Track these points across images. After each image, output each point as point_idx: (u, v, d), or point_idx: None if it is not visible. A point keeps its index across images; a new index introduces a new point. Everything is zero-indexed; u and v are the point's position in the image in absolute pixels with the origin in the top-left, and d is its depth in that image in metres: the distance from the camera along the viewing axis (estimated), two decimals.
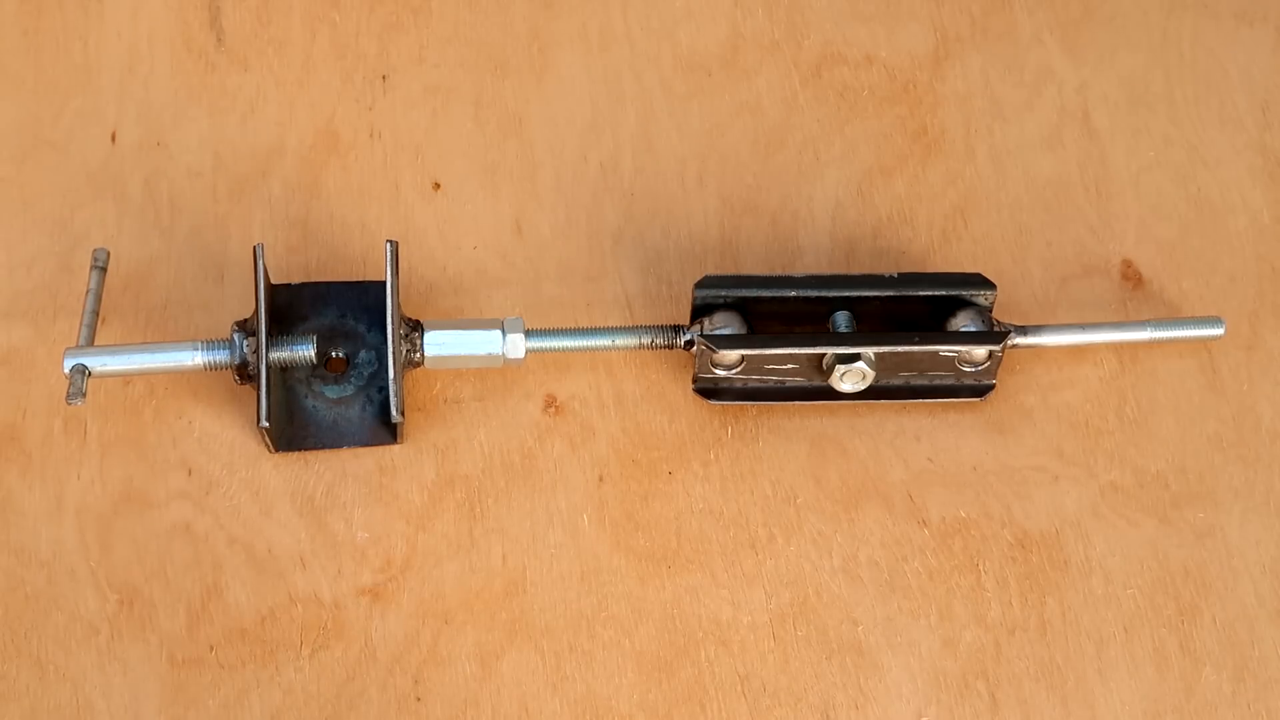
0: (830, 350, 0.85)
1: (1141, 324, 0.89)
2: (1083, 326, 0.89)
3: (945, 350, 0.86)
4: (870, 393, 0.87)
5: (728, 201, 0.94)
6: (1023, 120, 0.96)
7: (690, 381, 0.88)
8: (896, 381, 0.88)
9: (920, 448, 0.88)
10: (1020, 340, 0.87)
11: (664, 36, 0.98)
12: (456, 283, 0.91)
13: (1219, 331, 0.90)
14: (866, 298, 0.86)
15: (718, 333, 0.85)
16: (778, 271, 0.91)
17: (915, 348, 0.85)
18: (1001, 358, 0.87)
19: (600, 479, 0.87)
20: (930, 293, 0.86)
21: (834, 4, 0.99)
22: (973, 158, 0.95)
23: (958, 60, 0.98)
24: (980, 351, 0.86)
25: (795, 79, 0.97)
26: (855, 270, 0.91)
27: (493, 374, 0.89)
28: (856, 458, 0.88)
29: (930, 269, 0.92)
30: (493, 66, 0.96)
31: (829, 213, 0.93)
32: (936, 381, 0.88)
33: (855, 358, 0.85)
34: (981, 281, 0.87)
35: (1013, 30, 0.98)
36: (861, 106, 0.96)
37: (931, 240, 0.93)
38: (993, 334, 0.86)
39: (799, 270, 0.91)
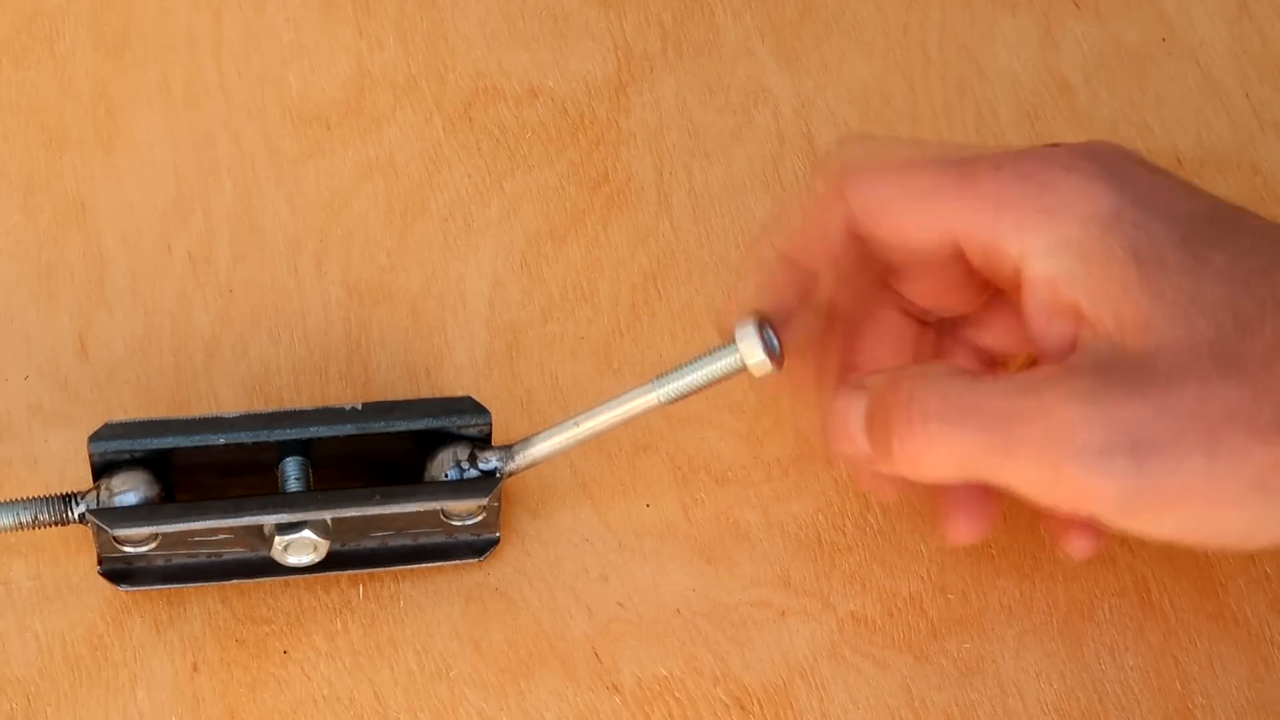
0: (260, 519, 0.70)
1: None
2: (592, 411, 0.71)
3: (420, 507, 0.72)
4: (335, 562, 0.72)
5: (354, 291, 0.80)
6: (730, 155, 0.83)
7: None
8: (370, 544, 0.73)
9: (609, 589, 0.74)
10: (514, 465, 0.73)
11: (269, 82, 0.84)
12: (3, 425, 0.75)
13: None
14: (322, 439, 0.72)
15: (115, 503, 0.70)
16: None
17: (375, 509, 0.71)
18: (500, 505, 0.73)
19: (194, 668, 0.71)
20: (405, 428, 0.72)
21: (485, 24, 0.86)
22: (668, 209, 0.82)
23: (645, 84, 0.85)
24: (467, 503, 0.72)
25: (438, 124, 0.83)
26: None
27: (53, 543, 0.72)
28: (526, 610, 0.73)
29: (615, 355, 0.78)
30: (46, 138, 0.81)
31: (485, 295, 0.80)
32: (424, 540, 0.73)
33: (299, 525, 0.70)
34: (472, 408, 0.72)
35: (715, 40, 0.86)
36: (524, 154, 0.83)
37: (618, 320, 0.79)
38: (478, 482, 0.72)
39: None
